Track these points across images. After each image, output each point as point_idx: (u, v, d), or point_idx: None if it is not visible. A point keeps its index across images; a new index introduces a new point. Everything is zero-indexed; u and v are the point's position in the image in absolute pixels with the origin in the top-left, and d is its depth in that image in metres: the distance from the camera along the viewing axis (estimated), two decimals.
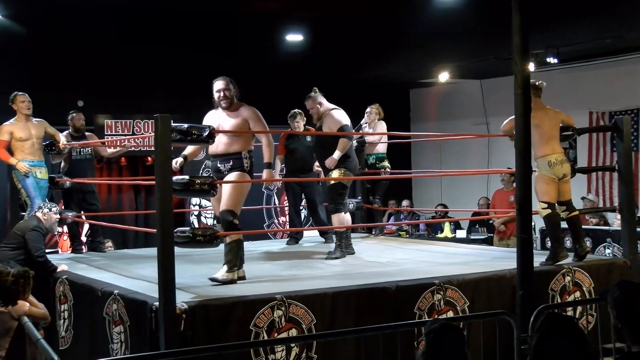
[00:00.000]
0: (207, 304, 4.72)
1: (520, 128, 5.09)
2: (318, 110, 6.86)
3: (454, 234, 10.78)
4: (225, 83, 5.65)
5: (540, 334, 3.02)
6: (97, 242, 7.94)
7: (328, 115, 6.82)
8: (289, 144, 7.99)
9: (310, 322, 4.90)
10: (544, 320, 3.12)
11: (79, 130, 8.02)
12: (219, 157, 5.63)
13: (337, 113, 6.82)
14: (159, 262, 4.63)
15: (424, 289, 5.32)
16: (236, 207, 5.50)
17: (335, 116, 6.79)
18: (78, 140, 7.87)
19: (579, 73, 11.16)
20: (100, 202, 8.16)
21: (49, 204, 6.89)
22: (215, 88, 5.67)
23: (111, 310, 5.18)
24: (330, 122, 6.79)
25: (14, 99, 7.40)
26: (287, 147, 8.02)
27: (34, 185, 7.25)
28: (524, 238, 5.08)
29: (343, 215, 6.84)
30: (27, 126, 7.38)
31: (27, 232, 6.45)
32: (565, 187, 6.28)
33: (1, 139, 7.28)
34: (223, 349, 4.23)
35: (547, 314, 3.26)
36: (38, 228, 6.50)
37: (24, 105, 7.37)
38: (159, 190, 4.69)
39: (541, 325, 3.07)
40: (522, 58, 5.05)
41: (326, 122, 6.82)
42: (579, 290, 6.05)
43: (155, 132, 4.78)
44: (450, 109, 13.37)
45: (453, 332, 3.22)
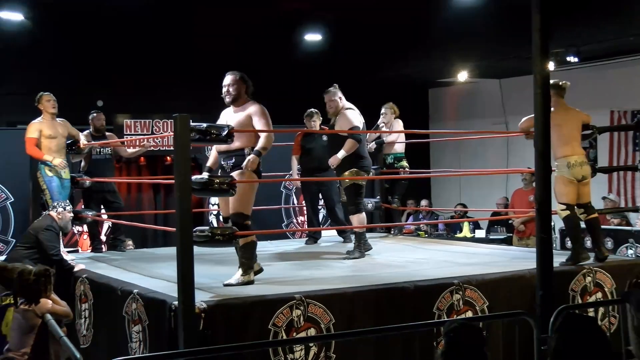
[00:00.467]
0: (226, 304, 4.74)
1: (540, 127, 5.07)
2: (337, 105, 6.80)
3: (473, 233, 10.74)
4: (232, 78, 5.56)
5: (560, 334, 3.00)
6: (119, 241, 7.99)
7: (342, 114, 6.79)
8: (306, 143, 8.00)
9: (329, 321, 4.90)
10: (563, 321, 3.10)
11: (99, 130, 8.08)
12: (222, 154, 5.58)
13: (351, 113, 6.79)
14: (178, 262, 4.65)
15: (443, 289, 5.31)
16: (245, 208, 5.40)
17: (348, 116, 6.76)
18: (98, 140, 7.93)
19: (600, 71, 11.07)
20: (122, 201, 8.21)
21: (63, 202, 6.93)
22: (223, 83, 5.64)
23: (130, 310, 5.21)
24: (343, 121, 6.77)
25: (40, 98, 7.44)
26: (303, 146, 8.02)
27: (59, 185, 7.29)
28: (543, 238, 5.06)
29: (363, 215, 6.84)
30: (54, 125, 7.44)
31: (40, 231, 6.52)
32: (584, 189, 6.22)
33: (31, 136, 7.31)
34: (242, 349, 4.23)
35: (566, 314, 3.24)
36: (51, 227, 6.55)
37: (50, 104, 7.41)
38: (178, 189, 4.71)
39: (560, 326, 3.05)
40: (542, 57, 5.02)
41: (339, 121, 6.81)
42: (600, 291, 6.00)
43: (174, 131, 4.79)
44: (469, 109, 13.32)
45: (473, 332, 3.22)
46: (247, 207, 5.42)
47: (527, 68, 5.62)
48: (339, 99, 6.81)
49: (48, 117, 7.42)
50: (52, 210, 6.79)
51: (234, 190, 5.17)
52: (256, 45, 11.50)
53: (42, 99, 7.44)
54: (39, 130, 7.34)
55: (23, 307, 4.97)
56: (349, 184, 6.77)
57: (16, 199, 9.38)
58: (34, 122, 7.41)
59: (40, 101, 7.44)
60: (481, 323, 4.70)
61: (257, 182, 5.52)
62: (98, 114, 8.16)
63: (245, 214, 5.40)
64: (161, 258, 7.03)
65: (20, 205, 9.25)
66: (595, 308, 5.81)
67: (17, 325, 4.95)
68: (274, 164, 8.50)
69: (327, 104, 6.89)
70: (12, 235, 9.36)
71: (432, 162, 13.57)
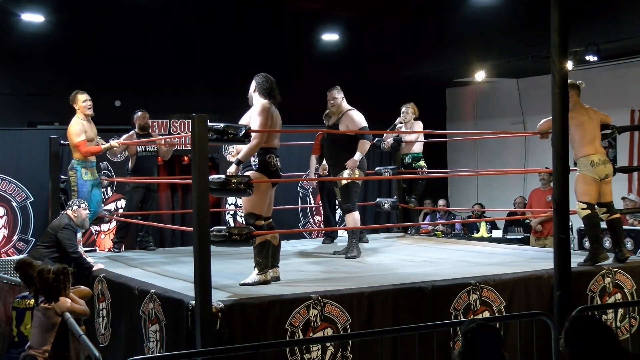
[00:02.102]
0: (243, 303, 4.75)
1: (558, 127, 5.03)
2: (339, 104, 6.94)
3: (490, 233, 10.68)
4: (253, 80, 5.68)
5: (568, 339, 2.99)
6: (146, 242, 8.01)
7: (346, 115, 6.88)
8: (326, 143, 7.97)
9: (346, 321, 4.90)
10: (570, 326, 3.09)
11: (144, 129, 8.12)
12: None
13: (356, 114, 6.90)
14: (195, 261, 4.66)
15: (460, 289, 5.29)
16: (255, 209, 5.43)
17: (355, 117, 6.86)
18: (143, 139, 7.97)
19: (621, 70, 10.98)
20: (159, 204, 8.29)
21: (78, 200, 6.95)
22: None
23: (147, 309, 5.23)
24: (350, 122, 6.85)
25: (75, 98, 7.29)
26: (323, 146, 8.02)
27: (89, 192, 7.27)
28: (561, 238, 5.03)
29: (357, 214, 6.91)
30: (91, 127, 7.38)
31: (58, 230, 6.62)
32: (606, 188, 6.18)
33: (80, 139, 7.15)
34: (259, 348, 4.24)
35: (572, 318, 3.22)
36: (69, 226, 6.65)
37: (86, 105, 7.27)
38: (196, 189, 4.73)
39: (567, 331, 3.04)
40: (561, 57, 4.99)
41: (344, 122, 6.88)
42: (620, 292, 5.95)
43: (192, 131, 4.81)
44: (486, 109, 13.26)
45: (491, 333, 3.20)
46: (256, 207, 5.44)
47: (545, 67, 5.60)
48: (341, 99, 6.94)
49: (83, 116, 7.29)
50: (68, 209, 6.85)
51: (251, 190, 5.18)
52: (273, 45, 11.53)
53: (77, 99, 7.28)
54: (84, 131, 7.22)
55: (43, 305, 5.02)
56: (350, 183, 6.84)
57: (36, 198, 9.45)
58: (75, 123, 7.23)
59: (76, 101, 7.29)
60: (498, 323, 4.68)
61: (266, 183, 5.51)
62: (142, 112, 8.17)
63: (256, 213, 5.43)
64: (178, 257, 7.06)
65: (40, 205, 9.32)
66: (614, 309, 5.76)
67: (38, 323, 5.00)
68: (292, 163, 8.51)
69: (330, 102, 6.99)
70: (32, 235, 9.44)
71: (449, 161, 13.52)
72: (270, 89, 5.56)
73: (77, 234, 6.78)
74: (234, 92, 11.27)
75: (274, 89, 5.58)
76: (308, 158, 8.35)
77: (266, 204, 5.54)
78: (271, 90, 5.56)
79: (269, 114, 5.45)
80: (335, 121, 6.98)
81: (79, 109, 7.30)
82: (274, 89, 5.59)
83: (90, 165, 7.35)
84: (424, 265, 6.32)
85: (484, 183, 13.14)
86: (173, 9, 10.58)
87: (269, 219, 5.63)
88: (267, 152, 5.46)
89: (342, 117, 6.91)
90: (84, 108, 7.29)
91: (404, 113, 8.28)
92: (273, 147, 5.53)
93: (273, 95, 5.57)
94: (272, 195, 5.65)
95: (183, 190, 11.58)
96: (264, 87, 5.55)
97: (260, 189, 5.40)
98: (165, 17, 10.63)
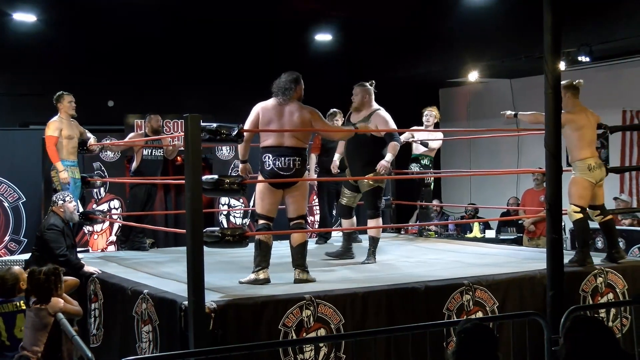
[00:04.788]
0: (236, 304, 4.74)
1: (551, 128, 5.04)
2: (365, 102, 6.59)
3: (483, 234, 10.70)
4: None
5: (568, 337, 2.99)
6: (139, 243, 7.99)
7: (377, 114, 6.53)
8: (326, 142, 7.94)
9: (339, 322, 4.90)
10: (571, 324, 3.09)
11: (156, 132, 8.09)
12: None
13: (387, 115, 6.56)
14: (188, 262, 4.66)
15: (453, 290, 5.30)
16: (258, 208, 5.62)
17: (387, 118, 6.52)
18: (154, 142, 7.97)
19: (613, 71, 11.02)
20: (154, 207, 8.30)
21: (61, 194, 6.78)
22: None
23: (140, 310, 5.22)
24: (380, 122, 6.50)
25: (61, 98, 7.47)
26: (323, 145, 7.99)
27: (73, 186, 7.32)
28: (554, 238, 5.04)
29: (381, 220, 6.69)
30: (72, 125, 7.49)
31: (43, 232, 6.45)
32: (600, 191, 6.21)
33: (53, 134, 7.32)
34: (252, 349, 4.24)
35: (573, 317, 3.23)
36: (53, 226, 6.43)
37: (71, 105, 7.47)
38: (189, 189, 4.72)
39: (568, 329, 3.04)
40: (554, 57, 5.00)
41: (374, 121, 6.53)
42: (612, 292, 5.97)
43: (184, 131, 4.81)
44: (480, 109, 13.28)
45: (485, 333, 3.21)
46: (259, 207, 5.62)
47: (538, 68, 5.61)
48: (368, 97, 6.62)
49: (66, 117, 7.45)
50: (52, 205, 6.67)
51: (244, 190, 5.22)
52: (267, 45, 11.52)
53: (63, 99, 7.47)
54: (59, 129, 7.37)
55: (36, 306, 5.00)
56: (376, 186, 6.58)
57: (28, 198, 9.42)
58: (54, 120, 7.43)
59: (61, 101, 7.46)
60: (491, 324, 4.69)
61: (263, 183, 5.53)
62: (155, 115, 8.15)
63: (258, 212, 5.59)
64: (172, 258, 7.05)
65: (32, 205, 9.29)
66: (606, 309, 5.78)
67: (31, 324, 4.99)
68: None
69: (355, 97, 6.66)
70: (24, 235, 9.41)
71: (442, 162, 13.53)
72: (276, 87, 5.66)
73: (62, 232, 6.49)
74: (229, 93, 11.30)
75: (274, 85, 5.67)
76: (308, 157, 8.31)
77: (267, 204, 5.57)
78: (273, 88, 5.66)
79: (257, 113, 5.57)
80: (363, 119, 6.62)
81: (64, 109, 7.45)
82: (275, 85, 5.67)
83: (70, 165, 7.37)
84: (417, 266, 6.32)
85: (477, 183, 13.16)
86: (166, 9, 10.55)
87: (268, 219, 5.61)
88: (263, 152, 5.56)
89: (372, 117, 6.56)
90: (69, 108, 7.45)
91: (427, 116, 8.30)
92: (268, 147, 5.55)
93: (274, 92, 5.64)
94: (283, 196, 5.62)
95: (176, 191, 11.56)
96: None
97: (258, 188, 5.61)
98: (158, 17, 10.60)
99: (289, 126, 5.53)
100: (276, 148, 5.53)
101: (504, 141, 12.07)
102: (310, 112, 5.63)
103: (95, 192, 10.04)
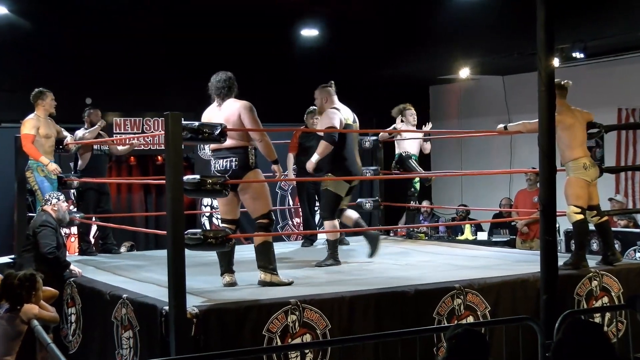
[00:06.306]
0: (219, 308, 4.74)
1: (544, 127, 5.06)
2: (324, 104, 6.64)
3: (475, 236, 10.74)
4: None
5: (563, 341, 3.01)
6: (109, 245, 7.98)
7: (325, 113, 6.61)
8: (304, 141, 7.95)
9: (325, 327, 4.91)
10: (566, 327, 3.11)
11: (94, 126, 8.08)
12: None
13: (333, 112, 6.54)
14: (169, 265, 4.65)
15: (444, 293, 5.32)
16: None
17: (327, 117, 6.55)
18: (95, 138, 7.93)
19: (608, 68, 11.07)
20: (111, 206, 8.22)
21: (55, 193, 6.83)
22: None
23: (120, 315, 5.20)
24: (321, 122, 6.63)
25: (43, 95, 7.41)
26: (301, 144, 7.99)
27: (50, 186, 7.28)
28: (548, 240, 5.05)
29: (336, 223, 6.71)
30: (49, 124, 7.46)
31: (35, 229, 6.44)
32: (594, 190, 6.28)
33: (29, 132, 7.27)
34: (235, 355, 4.24)
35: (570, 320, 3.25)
36: (47, 223, 6.43)
37: (53, 103, 7.44)
38: (170, 190, 4.71)
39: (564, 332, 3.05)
40: (547, 54, 5.02)
41: (321, 121, 6.65)
42: (607, 295, 6.02)
43: (165, 130, 4.81)
44: (471, 107, 13.32)
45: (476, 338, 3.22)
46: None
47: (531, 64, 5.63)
48: (324, 100, 6.64)
49: (43, 115, 7.40)
50: (46, 204, 6.65)
51: (227, 191, 5.21)
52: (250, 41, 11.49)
53: (45, 97, 7.41)
54: (36, 127, 7.32)
55: (8, 313, 4.96)
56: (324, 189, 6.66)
57: (1, 199, 9.36)
58: (30, 118, 7.37)
59: (43, 98, 7.41)
60: (483, 329, 4.71)
61: None
62: (95, 110, 8.16)
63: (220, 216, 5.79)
64: (152, 261, 7.03)
65: (5, 206, 9.23)
66: (601, 313, 5.82)
67: (3, 332, 4.94)
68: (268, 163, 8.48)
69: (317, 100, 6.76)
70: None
71: (433, 161, 13.55)
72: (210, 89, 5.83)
73: (56, 230, 6.50)
74: None
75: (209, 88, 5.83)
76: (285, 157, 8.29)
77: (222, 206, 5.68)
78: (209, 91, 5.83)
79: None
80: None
81: (44, 107, 7.40)
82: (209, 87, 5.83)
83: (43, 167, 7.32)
84: (406, 269, 6.34)
85: (469, 184, 13.20)
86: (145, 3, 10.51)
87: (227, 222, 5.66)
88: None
89: (321, 117, 6.69)
90: (51, 106, 7.42)
91: (412, 115, 8.34)
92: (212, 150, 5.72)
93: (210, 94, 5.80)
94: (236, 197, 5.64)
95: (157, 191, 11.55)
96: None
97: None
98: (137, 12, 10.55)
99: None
100: (217, 151, 5.61)
101: (495, 140, 12.12)
102: (242, 106, 5.60)
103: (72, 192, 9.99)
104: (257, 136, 5.56)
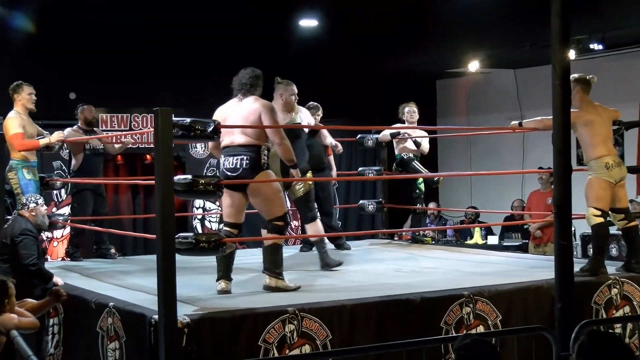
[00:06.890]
0: (212, 318, 4.74)
1: (559, 123, 5.06)
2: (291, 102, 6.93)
3: (485, 240, 10.75)
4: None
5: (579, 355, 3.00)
6: (104, 250, 7.95)
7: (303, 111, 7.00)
8: None
9: (326, 337, 4.91)
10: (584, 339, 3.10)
11: (90, 124, 8.07)
12: None
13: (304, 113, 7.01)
14: (159, 271, 4.65)
15: (452, 301, 5.31)
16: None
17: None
18: (88, 134, 7.92)
19: (628, 61, 11.07)
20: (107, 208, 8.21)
21: (33, 196, 6.68)
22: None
23: (106, 325, 5.20)
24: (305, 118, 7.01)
25: (19, 89, 7.29)
26: None
27: (35, 190, 7.22)
28: (563, 245, 5.05)
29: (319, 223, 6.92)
30: (31, 122, 7.36)
31: (14, 238, 6.31)
32: (621, 192, 6.24)
33: (18, 131, 7.15)
34: None
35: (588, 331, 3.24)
36: (27, 231, 6.29)
37: (31, 98, 7.30)
38: (160, 191, 4.71)
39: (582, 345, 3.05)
40: (562, 45, 5.02)
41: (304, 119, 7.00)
42: (628, 304, 6.00)
43: (155, 127, 4.80)
44: (481, 102, 13.33)
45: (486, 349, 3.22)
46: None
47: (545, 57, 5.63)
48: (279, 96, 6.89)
49: (24, 111, 7.30)
50: (22, 208, 6.51)
51: (221, 192, 5.22)
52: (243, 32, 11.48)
53: (22, 90, 7.29)
54: (22, 125, 7.22)
55: None
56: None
57: None
58: (13, 116, 7.25)
59: (19, 92, 7.29)
60: (494, 339, 4.71)
61: None
62: (88, 106, 8.13)
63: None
64: (140, 267, 7.03)
65: None
66: (622, 324, 5.80)
67: None
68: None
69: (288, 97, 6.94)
70: None
71: (440, 161, 13.57)
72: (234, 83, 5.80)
73: (36, 238, 6.43)
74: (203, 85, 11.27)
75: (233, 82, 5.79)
76: None
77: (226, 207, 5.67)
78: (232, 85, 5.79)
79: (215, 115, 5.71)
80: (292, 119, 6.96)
81: (21, 102, 7.30)
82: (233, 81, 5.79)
83: (31, 165, 7.29)
84: (412, 275, 6.34)
85: (478, 184, 13.20)
86: None
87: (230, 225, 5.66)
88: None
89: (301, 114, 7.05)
90: (28, 101, 7.30)
91: (411, 113, 8.33)
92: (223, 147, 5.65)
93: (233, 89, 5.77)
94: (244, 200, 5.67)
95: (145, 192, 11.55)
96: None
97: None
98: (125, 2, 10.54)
99: (239, 122, 5.60)
100: (228, 148, 5.61)
101: (507, 138, 12.11)
102: (262, 106, 5.65)
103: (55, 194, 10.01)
104: (277, 139, 5.60)
